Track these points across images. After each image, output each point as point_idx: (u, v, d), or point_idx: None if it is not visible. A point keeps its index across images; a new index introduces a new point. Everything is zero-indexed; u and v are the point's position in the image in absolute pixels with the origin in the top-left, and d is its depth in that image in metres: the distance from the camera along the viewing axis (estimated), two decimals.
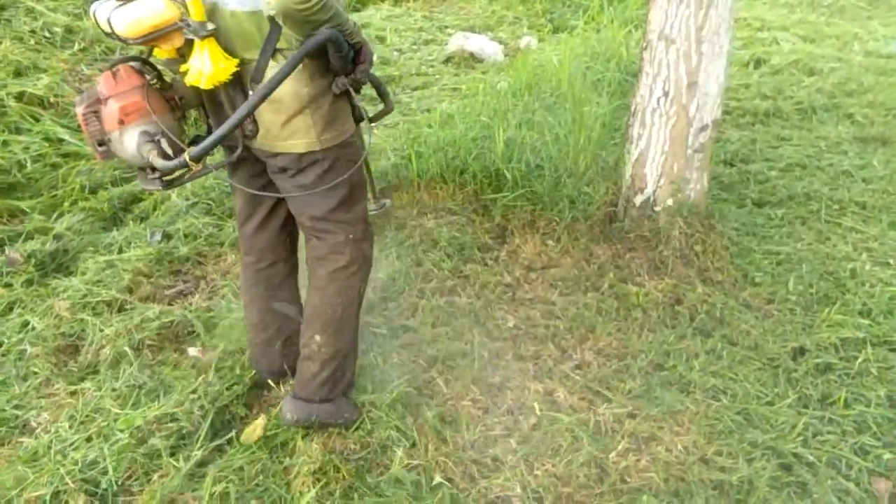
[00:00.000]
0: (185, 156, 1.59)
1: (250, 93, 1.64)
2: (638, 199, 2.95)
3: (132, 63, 1.67)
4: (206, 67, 1.57)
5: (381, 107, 2.10)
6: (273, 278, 2.13)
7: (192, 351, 2.37)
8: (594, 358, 2.37)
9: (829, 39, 5.86)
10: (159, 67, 1.76)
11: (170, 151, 1.63)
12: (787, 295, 2.63)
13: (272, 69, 1.63)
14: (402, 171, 3.63)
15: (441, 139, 3.49)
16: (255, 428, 2.05)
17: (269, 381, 2.20)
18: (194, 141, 1.74)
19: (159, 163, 1.60)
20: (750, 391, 2.17)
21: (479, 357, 2.36)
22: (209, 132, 1.88)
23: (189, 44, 1.61)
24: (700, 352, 2.35)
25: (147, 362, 2.34)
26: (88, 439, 2.00)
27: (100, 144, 1.64)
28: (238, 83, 1.68)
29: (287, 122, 1.71)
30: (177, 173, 1.67)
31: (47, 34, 4.19)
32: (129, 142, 1.63)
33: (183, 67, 1.63)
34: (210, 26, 1.55)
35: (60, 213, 3.17)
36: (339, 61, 1.65)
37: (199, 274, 2.88)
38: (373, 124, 2.13)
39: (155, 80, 1.71)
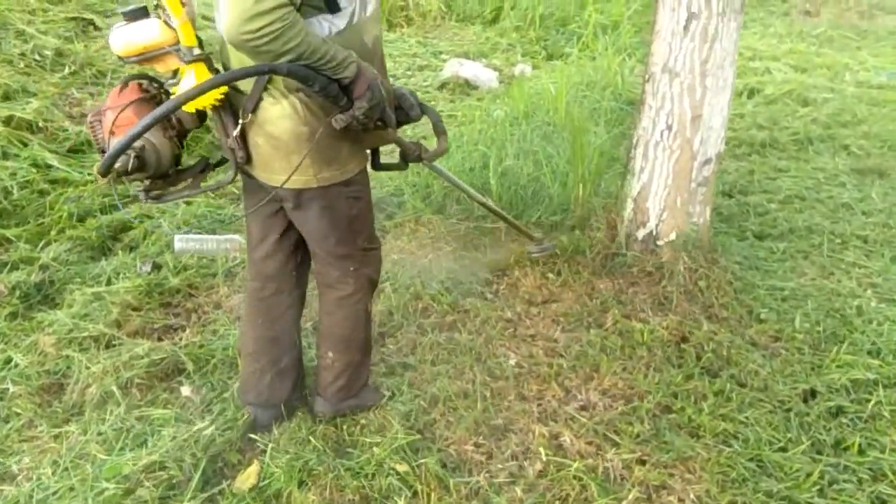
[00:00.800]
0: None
1: (240, 121, 1.67)
2: (640, 233, 2.90)
3: (141, 80, 1.72)
4: None
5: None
6: (274, 308, 2.08)
7: (185, 391, 2.27)
8: (600, 399, 2.30)
9: (820, 69, 5.91)
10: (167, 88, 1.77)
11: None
12: (794, 333, 2.57)
13: (269, 105, 1.66)
14: (399, 200, 3.59)
15: None
16: (249, 476, 1.95)
17: (256, 415, 2.11)
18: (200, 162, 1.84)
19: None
20: (762, 436, 2.10)
21: (481, 397, 2.28)
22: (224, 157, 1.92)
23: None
24: (708, 393, 2.28)
25: (135, 403, 2.24)
26: (72, 488, 1.89)
27: (102, 152, 1.68)
28: (232, 111, 1.70)
29: (285, 159, 1.71)
30: (171, 190, 1.75)
31: (37, 57, 4.12)
32: None
33: (173, 90, 1.68)
34: (196, 51, 1.59)
35: (47, 241, 3.07)
36: (321, 97, 1.58)
37: (191, 307, 2.78)
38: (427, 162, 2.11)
39: (158, 98, 1.73)
